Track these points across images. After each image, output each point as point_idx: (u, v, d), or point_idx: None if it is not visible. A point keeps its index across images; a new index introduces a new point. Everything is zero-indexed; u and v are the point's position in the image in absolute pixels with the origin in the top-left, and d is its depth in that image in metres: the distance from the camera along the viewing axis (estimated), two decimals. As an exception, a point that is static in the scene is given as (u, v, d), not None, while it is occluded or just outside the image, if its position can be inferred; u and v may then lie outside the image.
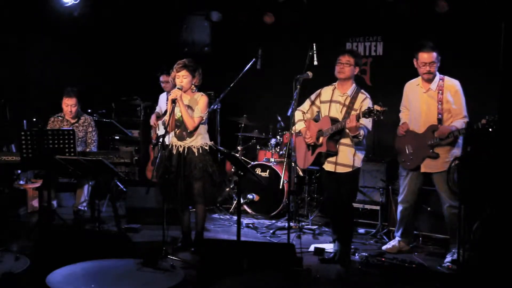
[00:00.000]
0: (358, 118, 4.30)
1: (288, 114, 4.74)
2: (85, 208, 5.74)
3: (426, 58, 4.71)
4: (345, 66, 4.54)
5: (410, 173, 4.91)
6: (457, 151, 4.74)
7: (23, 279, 4.07)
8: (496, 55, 5.91)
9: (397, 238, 5.11)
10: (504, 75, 5.89)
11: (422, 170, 4.81)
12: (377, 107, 4.15)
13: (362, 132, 4.42)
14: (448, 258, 4.74)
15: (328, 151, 4.54)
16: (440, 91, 4.73)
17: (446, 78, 4.80)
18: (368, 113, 4.20)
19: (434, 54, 4.71)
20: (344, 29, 7.13)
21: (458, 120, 4.68)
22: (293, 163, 4.89)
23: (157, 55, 7.47)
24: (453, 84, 4.76)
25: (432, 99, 4.77)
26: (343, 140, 4.55)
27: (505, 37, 5.85)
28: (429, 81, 4.79)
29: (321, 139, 4.60)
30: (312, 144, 4.67)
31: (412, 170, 4.89)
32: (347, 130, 4.41)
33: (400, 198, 5.03)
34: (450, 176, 4.69)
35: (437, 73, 4.79)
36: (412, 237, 5.15)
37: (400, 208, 5.04)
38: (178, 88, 4.73)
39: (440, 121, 4.73)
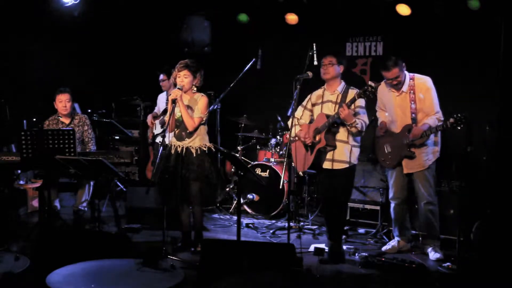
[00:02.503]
0: (348, 105, 4.41)
1: (288, 114, 4.75)
2: (85, 208, 5.74)
3: (389, 75, 4.80)
4: (328, 66, 4.67)
5: (395, 171, 4.98)
6: (435, 148, 4.82)
7: (23, 279, 4.06)
8: (496, 56, 5.94)
9: (396, 238, 5.11)
10: (504, 76, 5.91)
11: (405, 171, 4.88)
12: (371, 83, 4.29)
13: (359, 122, 4.49)
14: (433, 254, 4.83)
15: (327, 145, 4.57)
16: (412, 91, 4.79)
17: (416, 76, 4.85)
18: (363, 92, 4.34)
19: (396, 70, 4.76)
20: (344, 29, 7.13)
21: (430, 117, 4.74)
22: (293, 163, 4.89)
23: (157, 55, 7.48)
24: (423, 82, 4.81)
25: (405, 101, 4.84)
26: (339, 137, 4.60)
27: (505, 37, 5.87)
28: (399, 84, 4.86)
29: (318, 136, 4.64)
30: (310, 143, 4.69)
31: (394, 168, 4.95)
32: (343, 122, 4.49)
33: (390, 195, 5.08)
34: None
35: (406, 74, 4.84)
36: (411, 235, 5.14)
37: (392, 205, 5.07)
38: (178, 88, 4.72)
39: (414, 120, 4.80)
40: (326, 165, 4.65)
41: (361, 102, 4.58)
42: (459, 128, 4.42)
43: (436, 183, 4.96)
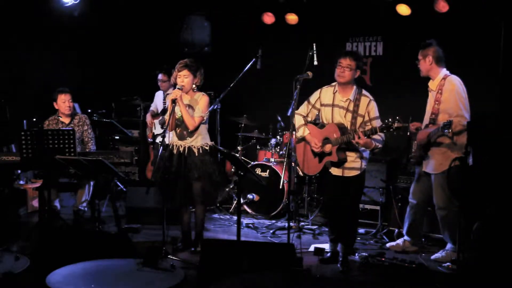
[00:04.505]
0: (367, 134, 4.27)
1: (288, 114, 4.72)
2: (85, 208, 5.74)
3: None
4: (346, 70, 4.43)
5: (418, 171, 4.91)
6: (454, 153, 4.61)
7: (23, 279, 4.07)
8: (496, 55, 5.94)
9: (403, 238, 5.08)
10: (504, 75, 5.91)
11: (423, 169, 4.80)
12: (397, 125, 4.09)
13: (379, 142, 4.39)
14: (438, 255, 4.79)
15: (339, 160, 4.47)
16: (440, 91, 4.67)
17: (450, 77, 4.70)
18: (386, 128, 4.17)
19: (419, 53, 4.77)
20: (344, 29, 7.13)
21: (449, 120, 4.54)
22: (293, 163, 4.88)
23: (157, 55, 7.48)
24: (450, 83, 4.67)
25: (432, 100, 4.75)
26: (349, 146, 4.50)
27: (505, 37, 5.88)
28: (431, 79, 4.78)
29: (328, 147, 4.50)
30: (320, 153, 4.59)
31: (419, 166, 4.86)
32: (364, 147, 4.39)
33: (410, 195, 5.02)
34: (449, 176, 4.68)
35: (442, 72, 4.73)
36: (419, 239, 5.07)
37: (409, 203, 5.01)
38: (178, 88, 4.72)
39: (433, 121, 4.68)
40: (336, 171, 4.53)
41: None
42: (449, 130, 4.34)
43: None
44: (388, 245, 5.14)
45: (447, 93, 4.62)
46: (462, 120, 4.50)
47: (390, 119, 4.16)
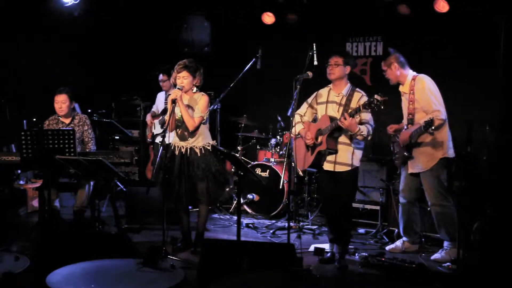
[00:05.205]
0: (352, 114, 4.34)
1: (288, 114, 4.75)
2: (85, 208, 5.73)
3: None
4: (334, 67, 4.59)
5: (404, 170, 4.97)
6: (438, 148, 4.71)
7: (23, 279, 4.07)
8: (496, 55, 5.94)
9: (402, 239, 5.10)
10: (504, 75, 5.91)
11: (409, 171, 4.86)
12: (377, 97, 4.16)
13: (365, 128, 4.42)
14: (437, 255, 4.79)
15: (328, 148, 4.54)
16: (412, 91, 4.78)
17: (418, 76, 4.82)
18: (368, 104, 4.24)
19: (383, 63, 4.91)
20: (344, 29, 7.13)
21: (428, 116, 4.59)
22: (293, 163, 4.89)
23: (157, 55, 7.48)
24: (420, 81, 4.78)
25: (406, 102, 4.86)
26: (341, 139, 4.55)
27: (505, 37, 5.88)
28: (401, 84, 4.90)
29: (320, 138, 4.60)
30: (312, 145, 4.67)
31: (404, 167, 4.93)
32: (348, 130, 4.41)
33: (399, 194, 5.07)
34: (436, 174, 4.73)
35: (410, 74, 4.85)
36: (417, 237, 5.10)
37: (400, 201, 5.07)
38: (178, 88, 4.72)
39: (411, 121, 4.79)
40: (327, 166, 4.60)
41: (366, 115, 4.48)
42: (432, 128, 4.41)
43: (445, 182, 4.81)
44: (387, 248, 5.14)
45: (419, 91, 4.75)
46: (438, 115, 4.61)
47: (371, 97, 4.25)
